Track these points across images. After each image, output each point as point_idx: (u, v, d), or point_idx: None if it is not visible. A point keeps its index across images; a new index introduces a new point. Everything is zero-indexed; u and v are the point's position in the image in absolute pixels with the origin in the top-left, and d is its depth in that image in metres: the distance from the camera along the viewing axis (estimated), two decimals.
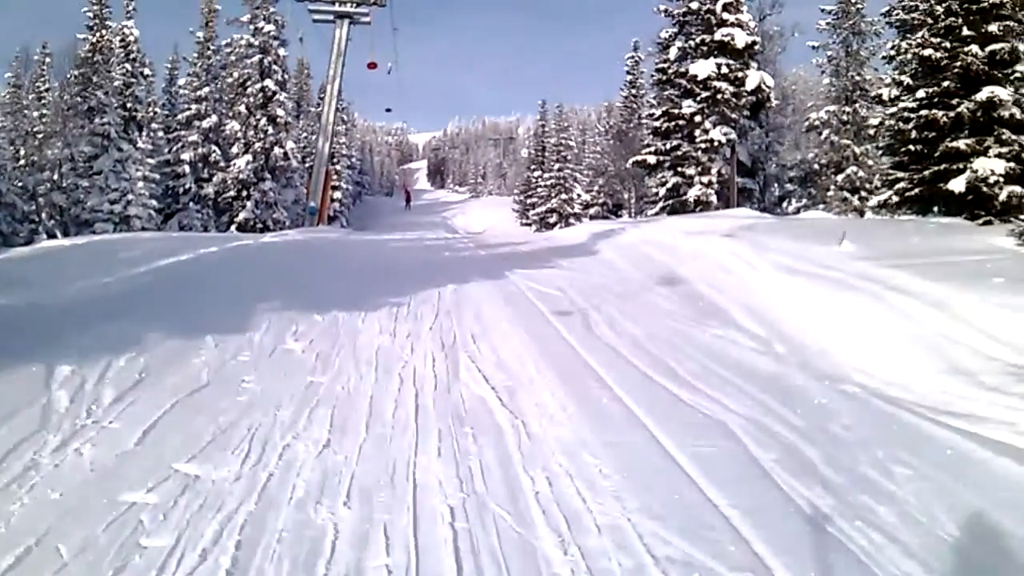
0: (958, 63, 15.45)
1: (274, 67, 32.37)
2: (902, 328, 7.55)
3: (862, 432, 4.80)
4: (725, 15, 22.25)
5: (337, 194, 50.46)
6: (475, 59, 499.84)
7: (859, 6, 29.65)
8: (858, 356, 7.08)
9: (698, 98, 22.01)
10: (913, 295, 8.25)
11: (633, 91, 36.71)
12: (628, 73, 36.93)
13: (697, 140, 23.07)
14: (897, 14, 24.88)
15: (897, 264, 9.52)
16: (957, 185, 14.84)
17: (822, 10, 30.01)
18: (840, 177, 29.63)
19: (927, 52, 15.90)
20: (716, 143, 21.61)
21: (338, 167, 51.81)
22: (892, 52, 25.47)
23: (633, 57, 36.67)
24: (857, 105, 29.76)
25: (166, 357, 6.10)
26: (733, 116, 22.23)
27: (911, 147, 16.02)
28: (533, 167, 60.00)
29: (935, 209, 16.25)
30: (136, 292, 9.16)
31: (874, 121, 30.03)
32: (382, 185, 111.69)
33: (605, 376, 5.92)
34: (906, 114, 16.46)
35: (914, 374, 6.49)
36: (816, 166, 30.39)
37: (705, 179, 21.98)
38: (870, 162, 29.79)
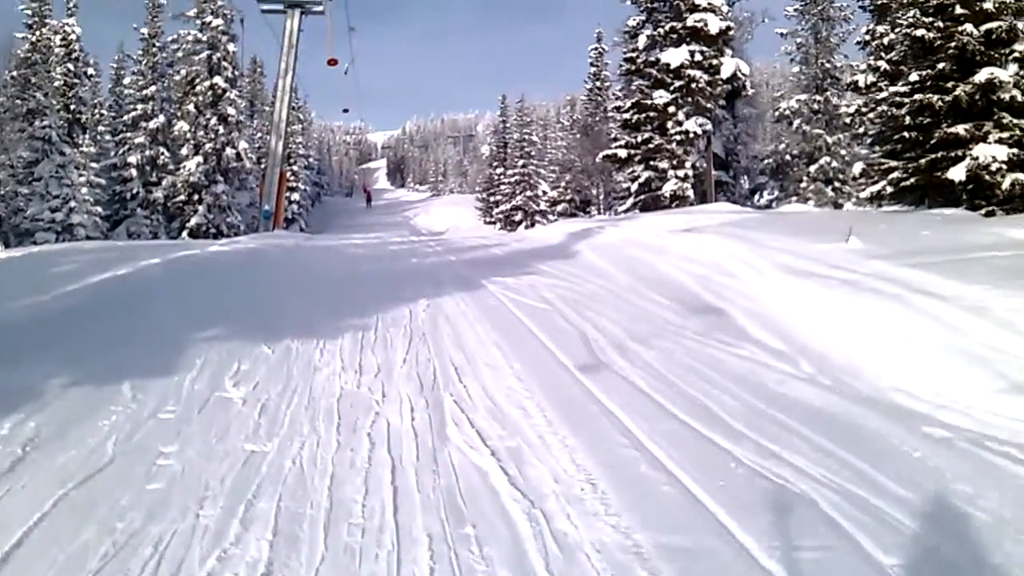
0: (953, 43, 14.37)
1: (224, 63, 30.65)
2: (941, 338, 6.35)
3: (993, 503, 3.56)
4: (696, 0, 21.10)
5: (295, 196, 48.66)
6: (432, 56, 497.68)
7: None
8: (898, 374, 5.88)
9: (671, 88, 20.84)
10: (945, 299, 7.08)
11: (598, 83, 35.51)
12: (592, 65, 35.73)
13: (670, 132, 21.90)
14: None
15: (916, 263, 8.36)
16: (956, 173, 13.77)
17: None
18: (813, 168, 28.69)
19: (919, 32, 14.78)
20: (691, 134, 20.45)
21: (294, 167, 49.98)
22: (867, 37, 24.61)
23: (597, 48, 35.48)
24: (828, 93, 28.86)
25: (65, 418, 4.64)
26: (708, 106, 21.09)
27: (905, 134, 14.90)
28: (495, 164, 58.59)
29: (927, 200, 15.23)
30: (51, 319, 7.62)
31: (848, 109, 29.24)
32: (341, 185, 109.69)
33: (632, 426, 4.58)
34: (898, 99, 15.35)
35: (971, 395, 5.28)
36: (788, 157, 29.43)
37: (680, 172, 20.82)
38: (843, 152, 28.91)
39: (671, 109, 20.84)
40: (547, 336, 7.11)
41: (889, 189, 15.33)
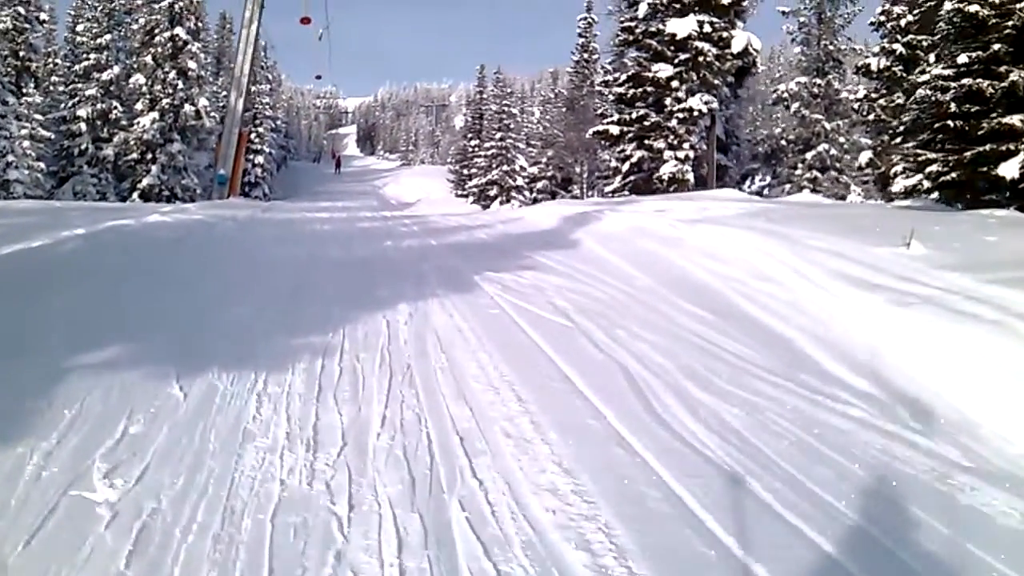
0: (1010, 22, 12.48)
1: (187, 13, 27.91)
2: None
3: None
4: None
5: (259, 159, 45.84)
6: (408, 23, 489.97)
7: None
8: None
9: (675, 61, 18.76)
10: None
11: (585, 55, 33.21)
12: (580, 36, 33.36)
13: (670, 109, 19.86)
14: None
15: (1001, 278, 6.59)
16: (1009, 170, 11.95)
17: None
18: (809, 155, 26.86)
19: (972, 8, 12.84)
20: (695, 113, 18.40)
21: (260, 129, 47.10)
22: (881, 18, 22.72)
23: (586, 18, 33.11)
24: (831, 77, 26.99)
25: None
26: (715, 82, 19.03)
27: (948, 123, 13.01)
28: (470, 136, 56.06)
29: (966, 197, 13.39)
30: None
31: (853, 95, 27.38)
32: (309, 150, 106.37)
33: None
34: (942, 83, 13.44)
35: None
36: (783, 142, 27.59)
37: (680, 154, 18.79)
38: (841, 139, 27.11)
39: (674, 84, 18.76)
40: (578, 373, 5.06)
41: (927, 184, 13.45)
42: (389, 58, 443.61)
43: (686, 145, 18.78)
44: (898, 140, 21.67)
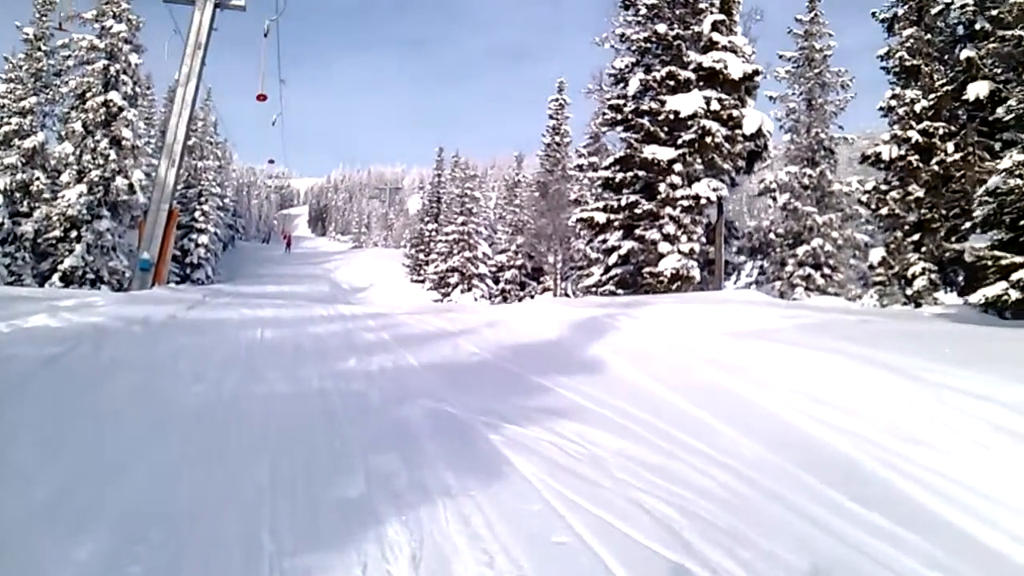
0: None
1: (123, 77, 24.80)
2: None
3: None
4: (715, 36, 16.64)
5: (203, 239, 42.30)
6: (361, 108, 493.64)
7: (825, 53, 24.96)
8: None
9: (678, 142, 16.23)
10: None
11: (556, 138, 30.84)
12: (551, 118, 31.00)
13: (665, 196, 17.26)
14: (900, 57, 20.07)
15: None
16: None
17: (781, 56, 25.15)
18: (801, 250, 24.50)
19: None
20: (704, 200, 15.78)
21: (205, 207, 43.69)
22: (892, 103, 20.64)
23: (558, 100, 30.84)
24: (823, 167, 24.91)
25: None
26: (725, 166, 16.50)
27: None
28: (427, 219, 53.36)
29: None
30: None
31: (844, 187, 25.26)
32: (259, 230, 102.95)
33: None
34: (1020, 169, 10.97)
35: None
36: (772, 235, 25.25)
37: (685, 246, 16.07)
38: (834, 233, 24.87)
39: (676, 167, 16.18)
40: None
41: (1014, 294, 10.78)
42: (343, 140, 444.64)
43: (691, 237, 16.08)
44: (916, 237, 19.32)
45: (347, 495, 4.10)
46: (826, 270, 24.30)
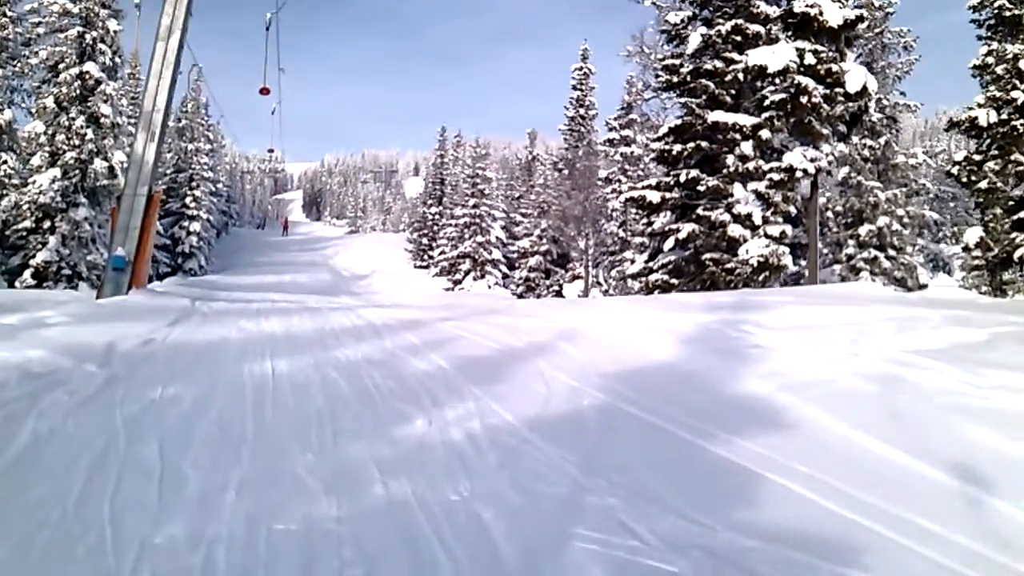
0: None
1: (100, 46, 21.68)
2: None
3: None
4: None
5: (195, 226, 39.15)
6: (354, 91, 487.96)
7: (887, 11, 21.98)
8: None
9: (764, 104, 13.31)
10: None
11: (581, 111, 27.77)
12: (575, 88, 27.91)
13: (734, 168, 14.34)
14: (998, 7, 17.07)
15: None
16: None
17: None
18: (863, 230, 21.60)
19: None
20: (799, 172, 12.87)
21: (196, 192, 40.50)
22: (989, 59, 17.72)
23: (582, 68, 27.74)
24: (885, 138, 21.95)
25: None
26: (823, 132, 13.55)
27: None
28: (430, 203, 50.26)
29: None
30: None
31: (908, 159, 22.31)
32: (254, 215, 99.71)
33: None
34: None
35: None
36: (829, 214, 22.33)
37: (774, 229, 13.19)
38: (899, 211, 21.97)
39: (763, 134, 13.26)
40: None
41: None
42: (336, 125, 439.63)
43: (786, 218, 13.19)
44: (1022, 214, 16.39)
45: None
46: (890, 251, 21.43)
